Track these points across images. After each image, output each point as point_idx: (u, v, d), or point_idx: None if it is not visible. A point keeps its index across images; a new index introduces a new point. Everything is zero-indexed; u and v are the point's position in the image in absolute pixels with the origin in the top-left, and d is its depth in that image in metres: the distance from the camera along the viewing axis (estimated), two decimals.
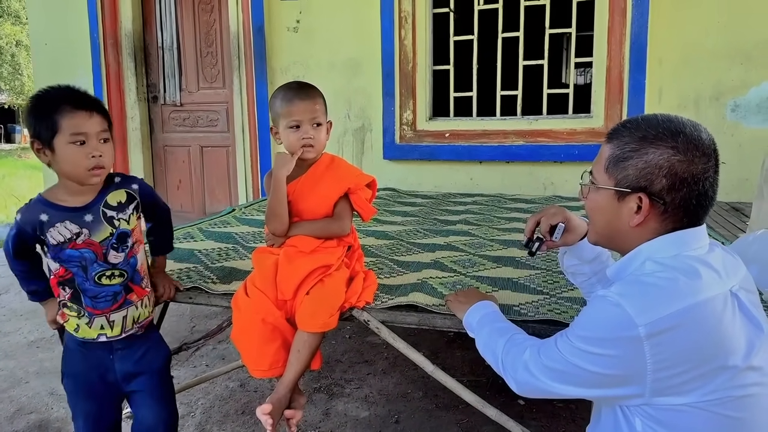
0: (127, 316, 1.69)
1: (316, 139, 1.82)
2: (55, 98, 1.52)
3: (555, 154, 4.43)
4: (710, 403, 1.04)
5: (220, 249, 2.50)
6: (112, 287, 1.64)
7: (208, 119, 5.52)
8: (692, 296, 1.04)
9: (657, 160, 1.11)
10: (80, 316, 1.64)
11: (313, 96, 1.82)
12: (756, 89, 4.03)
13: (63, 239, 1.56)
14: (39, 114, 1.51)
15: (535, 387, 1.19)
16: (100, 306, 1.63)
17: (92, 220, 1.59)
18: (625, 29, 4.15)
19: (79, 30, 5.47)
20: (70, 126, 1.49)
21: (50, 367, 3.07)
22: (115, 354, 1.71)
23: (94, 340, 1.66)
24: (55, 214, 1.56)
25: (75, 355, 1.71)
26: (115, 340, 1.69)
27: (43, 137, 1.50)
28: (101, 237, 1.60)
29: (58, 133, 1.49)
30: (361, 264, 1.98)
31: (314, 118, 1.80)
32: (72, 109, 1.50)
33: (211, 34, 5.40)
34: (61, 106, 1.50)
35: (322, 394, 2.77)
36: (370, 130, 4.96)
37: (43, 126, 1.50)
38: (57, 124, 1.49)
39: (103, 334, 1.66)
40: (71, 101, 1.52)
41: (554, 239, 1.46)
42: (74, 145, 1.50)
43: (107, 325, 1.65)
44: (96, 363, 1.70)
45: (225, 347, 3.31)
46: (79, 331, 1.66)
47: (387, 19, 4.70)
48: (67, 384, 1.73)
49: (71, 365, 1.72)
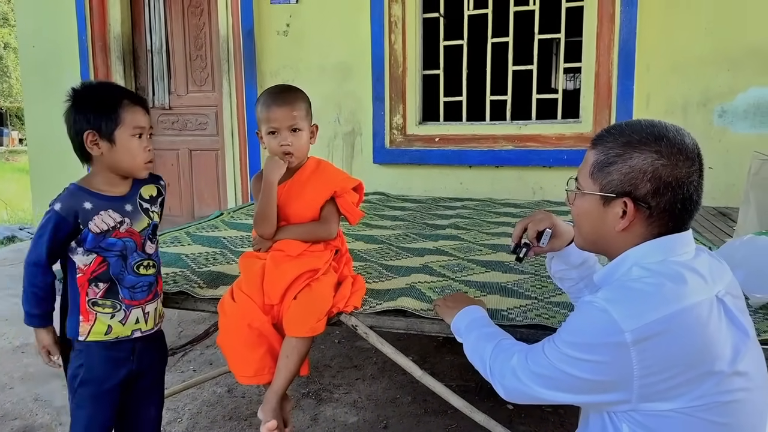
0: (157, 309, 1.73)
1: (295, 146, 1.80)
2: (115, 94, 1.62)
3: (544, 158, 4.44)
4: (697, 409, 1.04)
5: (207, 253, 2.49)
6: (148, 277, 1.69)
7: (197, 123, 5.50)
8: (678, 302, 1.04)
9: (641, 165, 1.11)
10: (116, 311, 1.63)
11: (292, 101, 1.80)
12: (743, 95, 4.06)
13: (107, 227, 1.60)
14: (101, 107, 1.57)
15: (522, 393, 1.19)
16: (138, 296, 1.66)
17: (132, 210, 1.65)
18: (613, 35, 4.18)
19: (68, 32, 5.43)
20: (133, 120, 1.59)
21: (35, 373, 3.03)
22: (135, 354, 1.70)
23: (128, 337, 1.65)
24: (98, 202, 1.60)
25: (95, 358, 1.64)
26: (142, 336, 1.69)
27: (104, 129, 1.57)
28: (141, 227, 1.67)
29: (121, 126, 1.58)
30: (349, 268, 1.98)
31: (292, 125, 1.78)
32: (132, 104, 1.60)
33: (200, 38, 5.38)
34: (123, 100, 1.59)
35: (311, 399, 2.75)
36: (360, 134, 4.96)
37: (105, 118, 1.57)
38: (120, 117, 1.57)
39: (138, 329, 1.67)
40: (129, 97, 1.62)
41: (541, 245, 1.46)
42: (135, 137, 1.60)
43: (142, 318, 1.67)
44: (118, 364, 1.67)
45: (213, 352, 3.28)
46: (112, 332, 1.63)
47: (377, 24, 4.71)
48: (84, 391, 1.65)
49: (91, 371, 1.64)
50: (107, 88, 1.66)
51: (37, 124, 5.81)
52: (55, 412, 2.66)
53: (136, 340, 1.70)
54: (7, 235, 6.46)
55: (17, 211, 8.36)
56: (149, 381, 1.79)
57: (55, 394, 2.82)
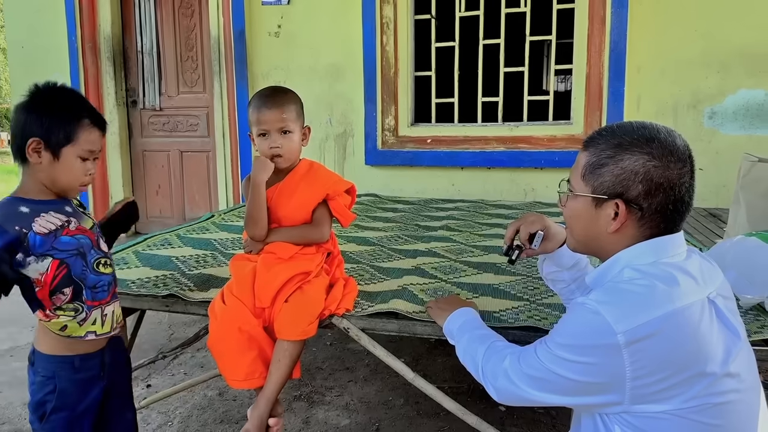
0: (115, 312, 1.62)
1: (285, 148, 1.79)
2: (77, 108, 1.49)
3: (535, 160, 4.45)
4: (689, 411, 1.03)
5: (198, 256, 2.47)
6: (107, 276, 1.59)
7: (188, 124, 5.47)
8: (670, 303, 1.04)
9: (632, 166, 1.11)
10: (78, 313, 1.52)
11: (282, 104, 1.79)
12: (732, 97, 4.09)
13: (54, 227, 1.47)
14: (58, 118, 1.46)
15: (514, 395, 1.18)
16: (99, 296, 1.56)
17: (73, 212, 1.54)
18: (604, 37, 4.20)
19: (57, 33, 5.39)
20: (87, 141, 1.48)
21: (23, 377, 2.98)
22: (105, 370, 1.61)
23: (81, 338, 1.54)
24: (35, 206, 1.47)
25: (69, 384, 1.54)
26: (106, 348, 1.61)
27: (53, 142, 1.45)
28: (89, 225, 1.57)
29: (72, 144, 1.46)
30: (341, 270, 1.97)
31: (282, 127, 1.78)
32: (91, 124, 1.49)
33: (191, 39, 5.36)
34: (84, 119, 1.48)
35: (302, 402, 2.74)
36: (351, 135, 4.95)
37: (58, 131, 1.45)
38: (75, 135, 1.46)
39: (93, 331, 1.55)
40: (92, 116, 1.50)
41: (533, 247, 1.46)
42: (79, 160, 1.48)
43: (100, 319, 1.56)
44: (90, 383, 1.58)
45: (204, 355, 3.26)
46: (67, 330, 1.53)
47: (369, 25, 4.70)
48: (56, 419, 1.54)
49: (63, 398, 1.54)
50: (71, 98, 1.51)
51: None
52: None
53: (104, 353, 1.61)
54: None
55: None
56: (121, 389, 1.71)
57: None
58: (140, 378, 2.95)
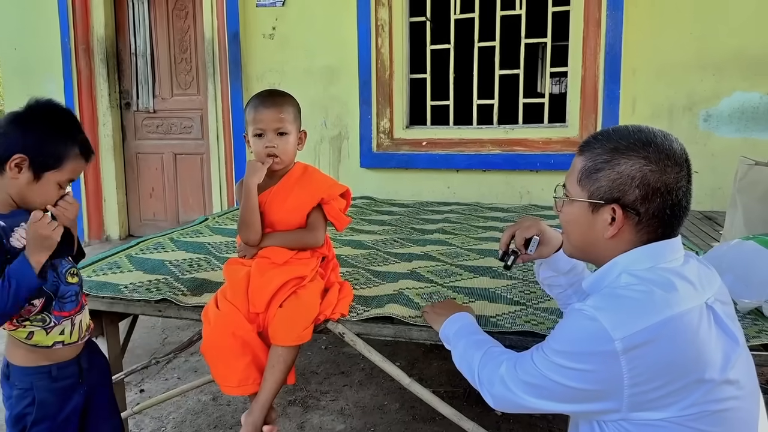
0: (83, 321, 1.60)
1: (281, 149, 1.78)
2: (71, 136, 1.48)
3: (531, 163, 4.45)
4: (687, 418, 1.02)
5: (191, 260, 2.45)
6: (74, 286, 1.56)
7: (181, 126, 5.44)
8: (668, 309, 1.03)
9: (629, 171, 1.10)
10: (44, 324, 1.49)
11: (280, 104, 1.78)
12: (728, 99, 4.10)
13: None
14: (49, 143, 1.45)
15: (511, 401, 1.17)
16: (67, 307, 1.53)
17: None
18: (599, 39, 4.20)
19: (50, 35, 5.36)
20: (72, 172, 1.48)
21: None
22: (84, 375, 1.60)
23: (48, 347, 1.51)
24: (10, 219, 1.45)
25: (48, 394, 1.53)
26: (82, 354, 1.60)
27: (39, 163, 1.43)
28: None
29: (57, 171, 1.45)
30: (336, 275, 1.95)
31: (279, 128, 1.77)
32: (80, 156, 1.49)
33: (185, 41, 5.33)
34: (75, 150, 1.47)
35: (297, 407, 2.72)
36: (346, 138, 4.93)
37: (49, 155, 1.44)
38: (62, 163, 1.45)
39: (60, 341, 1.52)
40: (83, 148, 1.49)
41: (529, 252, 1.45)
42: (58, 185, 1.47)
43: (69, 329, 1.53)
44: (69, 392, 1.56)
45: (197, 359, 3.24)
46: (33, 338, 1.49)
47: (363, 27, 4.69)
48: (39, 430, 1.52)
49: (44, 408, 1.52)
50: (67, 124, 1.49)
51: None
52: None
53: (80, 359, 1.59)
54: None
55: None
56: (102, 394, 1.69)
57: None
58: (133, 383, 2.93)
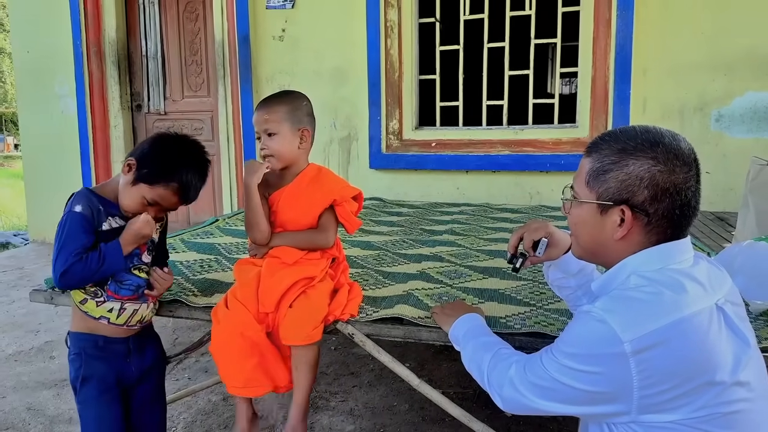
0: (138, 311, 1.73)
1: (272, 149, 1.80)
2: (178, 171, 1.64)
3: (541, 163, 4.43)
4: (697, 420, 1.02)
5: (202, 260, 2.46)
6: (138, 279, 1.71)
7: (192, 128, 5.47)
8: (678, 311, 1.03)
9: (638, 172, 1.10)
10: (96, 296, 1.66)
11: (267, 106, 1.81)
12: (740, 99, 4.07)
13: (111, 229, 1.64)
14: (160, 162, 1.63)
15: (520, 403, 1.17)
16: (122, 292, 1.69)
17: None
18: (610, 39, 4.18)
19: (62, 38, 5.41)
20: (160, 197, 1.64)
21: (28, 382, 3.00)
22: (131, 355, 1.74)
23: (95, 319, 1.67)
24: (107, 208, 1.65)
25: (93, 359, 1.69)
26: (133, 338, 1.74)
27: (140, 171, 1.62)
28: None
29: (149, 188, 1.62)
30: (346, 276, 1.96)
31: (266, 129, 1.80)
32: (175, 191, 1.65)
33: (195, 43, 5.36)
34: (172, 182, 1.63)
35: None
36: (356, 139, 4.94)
37: (152, 170, 1.61)
38: (156, 184, 1.62)
39: (107, 318, 1.67)
40: (182, 188, 1.65)
41: (538, 254, 1.44)
42: (145, 200, 1.63)
43: (117, 310, 1.68)
44: (116, 366, 1.71)
45: (208, 360, 3.25)
46: (86, 305, 1.66)
47: (373, 29, 4.70)
48: (87, 390, 1.68)
49: (90, 368, 1.68)
50: (186, 160, 1.68)
51: (31, 130, 5.79)
52: (48, 422, 2.63)
53: (129, 341, 1.73)
54: (1, 242, 6.41)
55: (11, 217, 8.31)
56: (150, 386, 1.83)
57: (47, 404, 2.79)
58: None
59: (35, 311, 3.82)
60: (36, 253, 5.60)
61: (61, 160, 5.66)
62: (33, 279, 4.67)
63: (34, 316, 3.84)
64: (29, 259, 5.44)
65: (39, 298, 2.05)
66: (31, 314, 3.86)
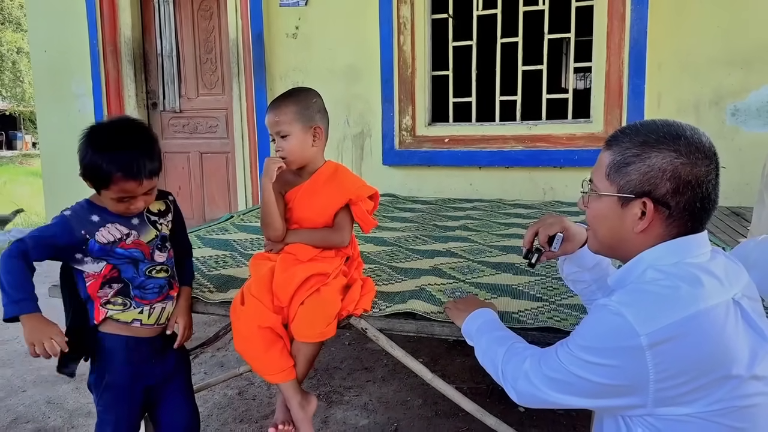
0: (165, 309, 1.78)
1: (286, 150, 1.80)
2: (111, 157, 1.56)
3: (554, 159, 4.42)
4: (713, 414, 1.02)
5: (217, 256, 2.49)
6: (159, 280, 1.76)
7: (207, 126, 5.52)
8: (694, 305, 1.03)
9: (660, 164, 1.10)
10: (126, 307, 1.70)
11: (278, 108, 1.80)
12: (756, 93, 4.02)
13: (113, 239, 1.67)
14: (92, 167, 1.58)
15: (535, 397, 1.17)
16: (148, 297, 1.73)
17: (138, 223, 1.72)
18: (624, 34, 4.15)
19: (79, 37, 5.47)
20: (119, 190, 1.60)
21: (47, 376, 3.05)
22: (156, 357, 1.78)
23: (128, 323, 1.71)
24: (105, 216, 1.66)
25: (120, 363, 1.72)
26: (159, 338, 1.78)
27: (94, 183, 1.62)
28: (148, 238, 1.73)
29: (107, 190, 1.60)
30: (359, 271, 1.97)
31: (278, 131, 1.80)
32: (123, 177, 1.57)
33: (210, 41, 5.40)
34: (115, 174, 1.57)
35: (321, 401, 2.75)
36: (369, 135, 4.95)
37: (94, 177, 1.60)
38: (108, 185, 1.59)
39: (138, 319, 1.72)
40: (123, 170, 1.56)
41: (553, 249, 1.44)
42: (117, 200, 1.62)
43: (147, 311, 1.73)
44: (141, 369, 1.74)
45: (224, 354, 3.29)
46: (115, 314, 1.70)
47: (386, 26, 4.70)
48: (110, 396, 1.72)
49: (115, 374, 1.72)
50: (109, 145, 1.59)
51: (48, 128, 5.85)
52: (68, 415, 2.68)
53: (153, 340, 1.77)
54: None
55: (30, 215, 8.42)
56: (184, 382, 1.88)
57: (66, 397, 2.83)
58: None
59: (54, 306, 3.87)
60: None
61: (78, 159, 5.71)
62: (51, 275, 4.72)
63: (52, 311, 3.87)
64: None
65: (57, 293, 2.08)
66: (50, 309, 3.89)
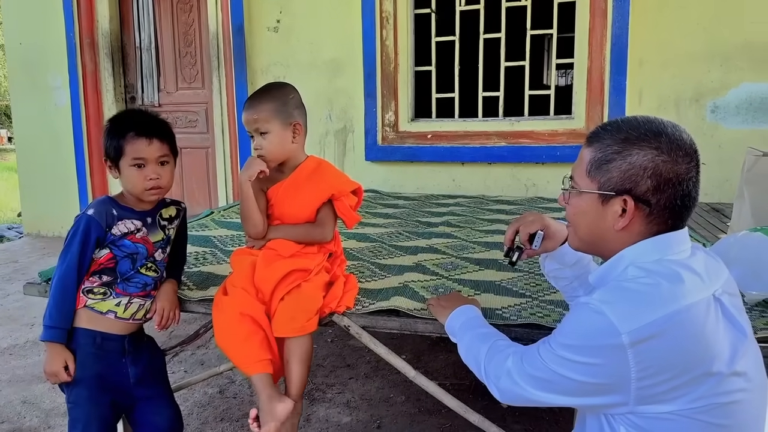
0: (143, 306, 1.78)
1: (265, 149, 1.77)
2: (124, 124, 1.70)
3: (537, 155, 4.43)
4: (695, 411, 1.02)
5: (197, 253, 2.45)
6: (146, 277, 1.78)
7: (186, 120, 5.45)
8: (675, 302, 1.02)
9: (641, 162, 1.09)
10: (106, 297, 1.72)
11: (254, 106, 1.77)
12: (735, 90, 4.06)
13: (127, 231, 1.72)
14: (109, 137, 1.70)
15: (517, 395, 1.16)
16: (129, 289, 1.75)
17: (150, 224, 1.78)
18: (606, 30, 4.17)
19: (55, 29, 5.37)
20: (132, 151, 1.67)
21: (23, 375, 2.99)
22: (127, 357, 1.75)
23: (102, 313, 1.71)
24: (123, 212, 1.73)
25: (88, 357, 1.70)
26: (130, 338, 1.77)
27: (112, 158, 1.70)
28: (155, 239, 1.79)
29: (123, 156, 1.68)
30: (342, 268, 1.95)
31: (256, 129, 1.77)
32: (135, 135, 1.67)
33: (189, 34, 5.33)
34: (127, 132, 1.67)
35: (303, 399, 2.72)
36: (351, 131, 4.93)
37: (111, 148, 1.69)
38: (122, 149, 1.68)
39: (114, 311, 1.72)
40: (135, 128, 1.68)
41: (534, 247, 1.44)
42: (134, 168, 1.68)
43: (124, 304, 1.73)
44: (111, 366, 1.73)
45: (204, 353, 3.25)
46: (93, 302, 1.71)
47: (368, 20, 4.67)
48: (79, 390, 1.70)
49: (84, 369, 1.70)
50: (121, 117, 1.76)
51: (24, 122, 5.75)
52: (44, 415, 2.63)
53: (124, 339, 1.75)
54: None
55: (6, 210, 8.27)
56: (159, 384, 1.86)
57: (43, 397, 2.78)
58: None
59: (30, 304, 3.81)
60: (30, 247, 5.58)
61: (55, 153, 5.63)
62: (27, 272, 4.65)
63: (28, 309, 3.82)
64: (23, 252, 5.41)
65: (33, 291, 2.04)
66: (26, 308, 3.84)
